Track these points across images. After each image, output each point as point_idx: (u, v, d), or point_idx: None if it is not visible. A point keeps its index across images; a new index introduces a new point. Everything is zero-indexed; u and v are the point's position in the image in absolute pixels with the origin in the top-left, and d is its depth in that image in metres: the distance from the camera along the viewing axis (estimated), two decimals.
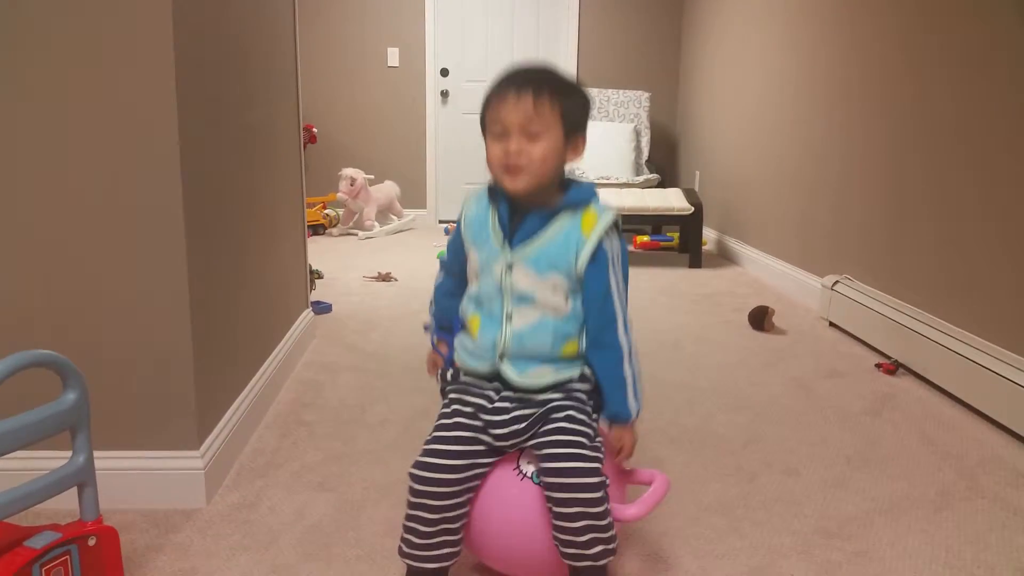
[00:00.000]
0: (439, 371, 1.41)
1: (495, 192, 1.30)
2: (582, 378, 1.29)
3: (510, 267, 1.25)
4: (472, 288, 1.33)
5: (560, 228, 1.25)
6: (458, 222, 1.36)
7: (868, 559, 1.51)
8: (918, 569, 1.48)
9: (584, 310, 1.27)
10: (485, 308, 1.29)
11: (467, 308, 1.33)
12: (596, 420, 1.29)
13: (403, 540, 1.25)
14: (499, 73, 1.27)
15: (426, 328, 1.45)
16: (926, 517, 1.68)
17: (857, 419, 2.23)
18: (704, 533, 1.59)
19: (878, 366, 2.70)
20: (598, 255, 1.24)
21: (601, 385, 1.28)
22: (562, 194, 1.27)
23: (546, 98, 1.21)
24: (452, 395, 1.32)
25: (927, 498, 1.76)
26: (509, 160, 1.21)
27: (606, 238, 1.25)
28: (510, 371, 1.26)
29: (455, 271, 1.39)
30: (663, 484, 1.31)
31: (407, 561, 1.26)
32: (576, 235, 1.24)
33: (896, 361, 2.67)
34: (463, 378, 1.33)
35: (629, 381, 1.27)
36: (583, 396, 1.28)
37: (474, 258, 1.31)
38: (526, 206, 1.26)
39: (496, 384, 1.29)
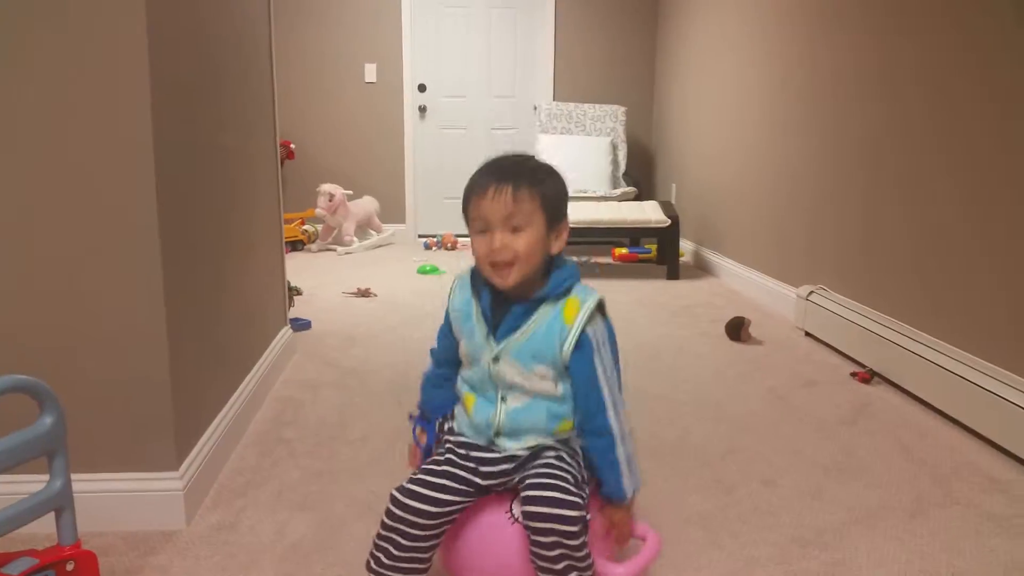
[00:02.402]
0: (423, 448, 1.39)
1: (477, 279, 1.30)
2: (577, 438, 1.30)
3: (496, 359, 1.26)
4: (465, 372, 1.33)
5: (543, 319, 1.24)
6: (447, 310, 1.36)
7: (845, 568, 1.53)
8: None
9: (574, 396, 1.27)
10: (479, 390, 1.30)
11: (461, 387, 1.34)
12: (585, 476, 1.27)
13: (372, 557, 1.24)
14: (479, 167, 1.26)
15: (411, 418, 1.43)
16: (901, 524, 1.70)
17: (833, 428, 2.26)
18: (683, 546, 1.60)
19: (853, 375, 2.73)
20: (582, 343, 1.24)
21: (595, 467, 1.27)
22: (545, 280, 1.26)
23: (525, 190, 1.20)
24: (448, 437, 1.33)
25: (902, 506, 1.79)
26: (495, 257, 1.20)
27: (590, 324, 1.24)
28: (506, 444, 1.27)
29: (445, 359, 1.38)
30: (655, 544, 1.30)
31: None
32: (559, 325, 1.24)
33: (871, 370, 2.71)
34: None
35: (623, 463, 1.25)
36: (575, 447, 1.28)
37: (463, 347, 1.31)
38: (509, 296, 1.26)
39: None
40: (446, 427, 1.37)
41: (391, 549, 1.22)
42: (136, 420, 1.61)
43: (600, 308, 1.27)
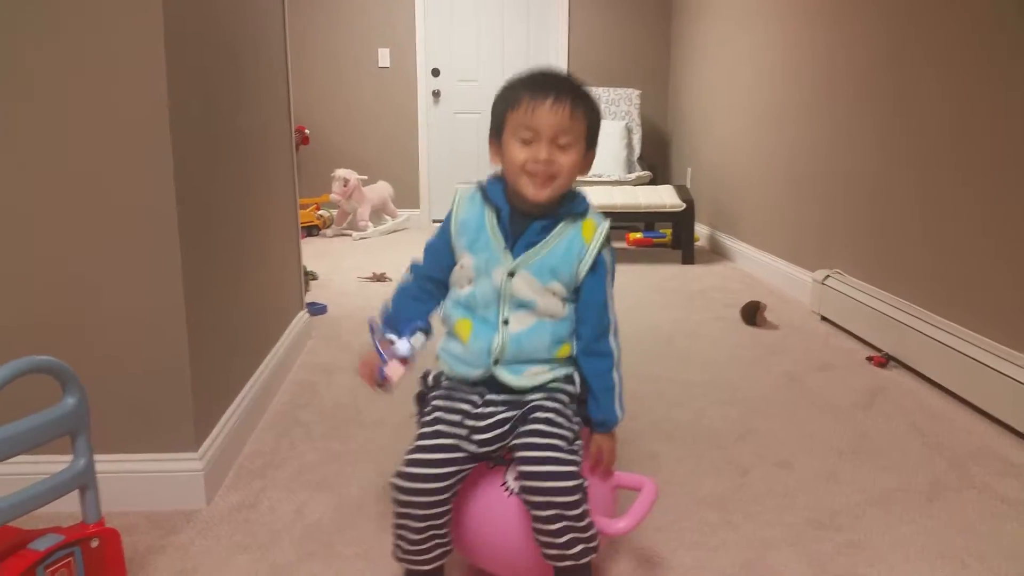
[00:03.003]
0: (385, 380, 1.28)
1: (489, 194, 1.28)
2: (569, 379, 1.29)
3: (511, 274, 1.24)
4: (461, 292, 1.29)
5: (562, 237, 1.25)
6: (445, 224, 1.32)
7: (859, 549, 1.53)
8: (909, 558, 1.50)
9: (580, 317, 1.28)
10: (478, 313, 1.27)
11: (453, 313, 1.30)
12: (579, 424, 1.28)
13: (395, 545, 1.26)
14: (523, 74, 1.24)
15: (371, 326, 1.32)
16: (917, 507, 1.70)
17: (848, 412, 2.25)
18: (697, 527, 1.61)
19: (869, 359, 2.73)
20: (598, 264, 1.26)
21: (591, 390, 1.28)
22: (561, 203, 1.26)
23: (581, 110, 1.21)
24: (435, 402, 1.30)
25: (918, 489, 1.79)
26: (539, 168, 1.19)
27: (604, 248, 1.26)
28: (505, 375, 1.26)
29: (431, 275, 1.34)
30: (651, 492, 1.30)
31: (403, 564, 1.28)
32: (579, 244, 1.25)
33: (887, 354, 2.70)
34: (445, 382, 1.32)
35: (617, 386, 1.28)
36: (566, 398, 1.28)
37: (468, 263, 1.27)
38: (527, 212, 1.25)
39: (481, 388, 1.28)
40: (429, 379, 1.35)
41: (409, 534, 1.23)
42: (157, 403, 1.63)
43: (608, 236, 1.30)
